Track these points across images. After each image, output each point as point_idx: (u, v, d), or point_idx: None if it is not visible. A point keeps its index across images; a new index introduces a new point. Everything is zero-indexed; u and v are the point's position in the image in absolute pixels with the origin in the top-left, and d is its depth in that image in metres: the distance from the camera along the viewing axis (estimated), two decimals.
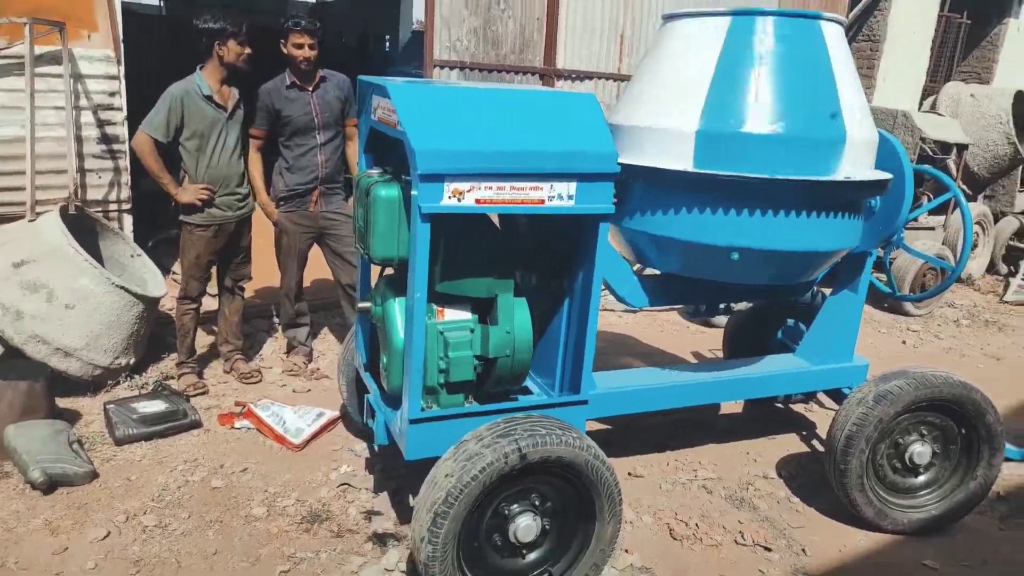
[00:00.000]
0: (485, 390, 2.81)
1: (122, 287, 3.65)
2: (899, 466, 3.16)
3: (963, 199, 3.52)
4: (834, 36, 2.83)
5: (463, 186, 2.32)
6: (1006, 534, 3.23)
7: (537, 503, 2.48)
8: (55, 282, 3.53)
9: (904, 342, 5.70)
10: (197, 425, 3.50)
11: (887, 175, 2.98)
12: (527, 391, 3.00)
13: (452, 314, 2.70)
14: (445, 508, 2.25)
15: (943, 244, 6.78)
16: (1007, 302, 6.91)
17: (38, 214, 3.91)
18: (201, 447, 3.38)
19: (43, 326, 3.49)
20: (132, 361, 3.87)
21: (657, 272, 3.26)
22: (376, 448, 3.46)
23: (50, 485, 2.92)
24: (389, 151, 2.80)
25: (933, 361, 5.25)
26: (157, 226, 5.55)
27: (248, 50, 3.65)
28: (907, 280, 6.13)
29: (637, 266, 3.30)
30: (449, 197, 2.31)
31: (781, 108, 2.68)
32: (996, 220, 7.91)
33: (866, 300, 6.28)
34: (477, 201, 2.35)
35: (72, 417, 3.48)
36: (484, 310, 2.75)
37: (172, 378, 3.97)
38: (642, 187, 2.87)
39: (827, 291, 3.58)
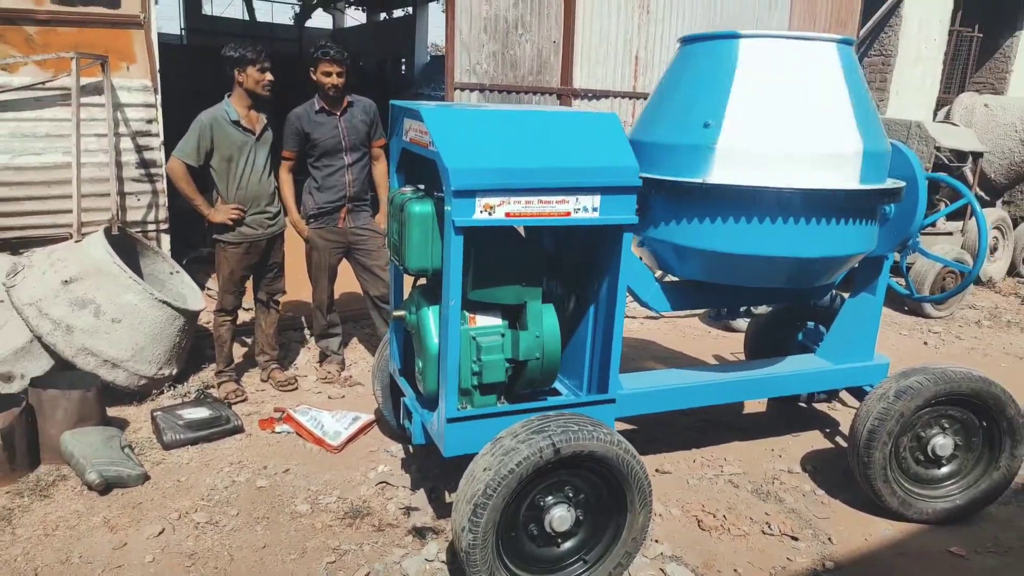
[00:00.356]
0: (516, 391, 2.95)
1: (164, 301, 3.84)
2: (922, 458, 3.24)
3: (977, 205, 3.62)
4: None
5: (494, 201, 2.46)
6: None
7: (571, 495, 2.59)
8: (102, 298, 3.72)
9: (926, 343, 5.76)
10: (240, 430, 3.66)
11: (900, 183, 3.09)
12: (556, 392, 3.13)
13: (484, 320, 2.84)
14: (484, 499, 2.38)
15: (962, 248, 6.84)
16: None
17: (84, 235, 4.11)
18: (244, 450, 3.54)
19: (91, 339, 3.68)
20: (175, 372, 4.05)
21: (677, 279, 3.38)
22: (411, 449, 3.61)
23: (106, 487, 3.09)
24: (420, 170, 2.96)
25: (955, 360, 5.29)
26: (190, 245, 5.76)
27: (268, 77, 3.79)
28: (927, 283, 6.20)
29: (659, 273, 3.43)
30: (480, 212, 2.45)
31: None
32: (1015, 224, 7.95)
33: (887, 304, 6.40)
34: (507, 215, 2.50)
35: (122, 424, 3.66)
36: (514, 316, 2.89)
37: (212, 387, 4.15)
38: (663, 199, 3.00)
39: (845, 294, 3.68)
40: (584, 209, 2.59)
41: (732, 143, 2.78)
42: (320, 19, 26.69)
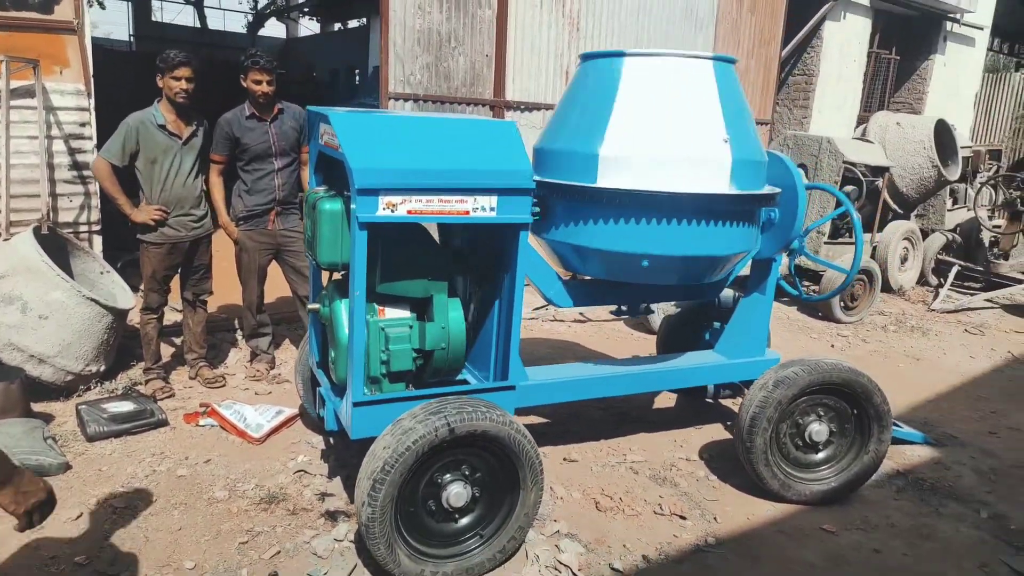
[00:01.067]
0: (425, 380, 3.15)
1: (92, 299, 3.95)
2: (800, 444, 3.54)
3: (855, 214, 3.95)
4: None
5: (396, 199, 2.67)
6: (898, 503, 3.61)
7: (467, 473, 2.80)
8: (29, 295, 3.81)
9: (832, 345, 6.13)
10: (164, 423, 3.78)
11: (775, 190, 3.39)
12: (465, 382, 3.34)
13: (392, 312, 3.04)
14: (382, 475, 2.57)
15: (871, 259, 7.26)
16: (934, 310, 7.40)
17: (12, 234, 4.20)
18: (168, 443, 3.66)
19: (18, 335, 3.77)
20: (102, 368, 4.15)
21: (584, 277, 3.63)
22: (331, 441, 3.77)
23: None
24: (335, 172, 3.16)
25: (857, 361, 5.67)
26: (126, 248, 5.82)
27: (182, 85, 3.89)
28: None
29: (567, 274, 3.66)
30: (384, 209, 2.66)
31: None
32: (924, 236, 8.45)
33: (801, 309, 6.78)
34: (409, 212, 2.71)
35: (46, 418, 3.75)
36: (422, 309, 3.09)
37: (140, 384, 4.25)
38: (561, 202, 3.25)
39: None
40: (482, 208, 2.81)
41: (613, 151, 3.05)
42: (273, 28, 26.69)
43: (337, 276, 3.19)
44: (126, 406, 3.76)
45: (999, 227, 8.20)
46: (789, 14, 8.54)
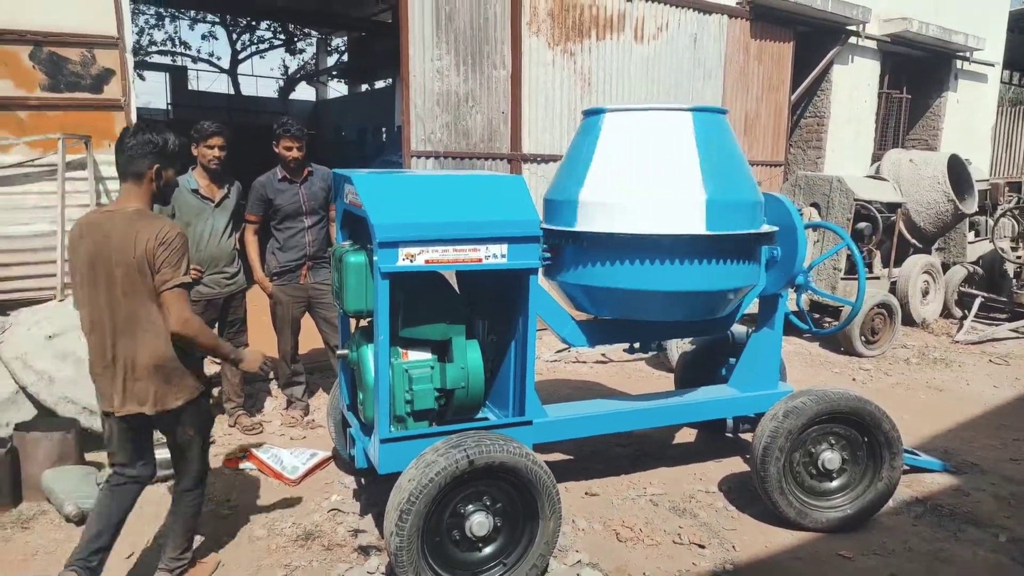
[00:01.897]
0: (447, 418, 3.35)
1: None
2: (814, 472, 3.64)
3: (855, 248, 4.11)
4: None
5: (414, 250, 2.93)
6: (916, 529, 3.68)
7: (488, 503, 2.98)
8: (82, 351, 4.10)
9: (854, 379, 6.20)
10: None
11: (756, 229, 3.56)
12: (486, 420, 3.53)
13: (415, 355, 3.26)
14: (408, 506, 2.76)
15: (891, 293, 7.34)
16: (958, 342, 7.42)
17: (66, 295, 4.53)
18: (211, 485, 3.83)
19: (71, 389, 4.05)
20: None
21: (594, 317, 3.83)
22: (363, 481, 3.96)
23: (82, 518, 3.42)
24: (359, 227, 3.43)
25: (879, 394, 5.73)
26: None
27: (214, 153, 4.23)
28: (857, 323, 6.68)
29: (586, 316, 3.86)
30: (403, 260, 2.91)
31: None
32: (945, 270, 8.51)
33: (823, 344, 6.86)
34: (427, 261, 2.96)
35: (99, 466, 3.99)
36: (442, 351, 3.31)
37: None
38: (566, 247, 3.48)
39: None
40: (494, 256, 3.05)
41: (589, 197, 3.31)
42: (303, 91, 27.82)
43: (364, 323, 3.43)
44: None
45: (1021, 257, 8.22)
46: (797, 59, 8.81)
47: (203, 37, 35.07)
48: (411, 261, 2.92)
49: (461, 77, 6.34)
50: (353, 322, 3.59)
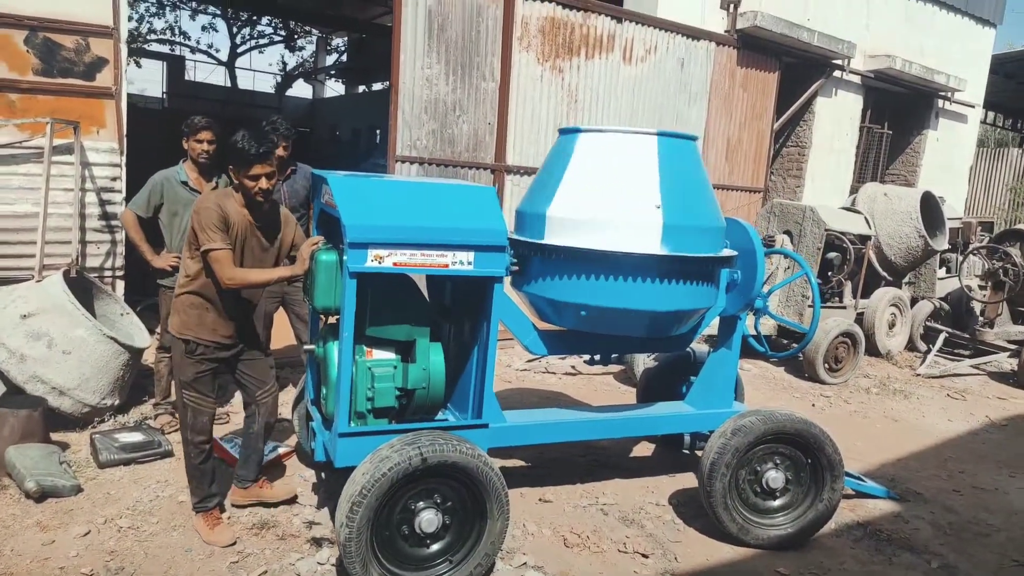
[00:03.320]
0: (407, 417, 3.45)
1: (111, 337, 4.31)
2: (758, 490, 3.77)
3: (813, 277, 4.27)
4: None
5: (383, 252, 3.04)
6: (854, 552, 3.81)
7: (439, 501, 3.08)
8: (55, 331, 4.18)
9: (813, 405, 6.35)
10: (169, 454, 4.09)
11: (731, 252, 3.72)
12: (445, 421, 3.63)
13: (379, 354, 3.37)
14: (360, 499, 2.86)
15: (857, 323, 7.51)
16: (919, 375, 7.60)
17: (44, 276, 4.60)
18: (172, 472, 3.96)
19: (43, 368, 4.12)
20: (117, 402, 4.48)
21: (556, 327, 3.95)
22: (323, 476, 4.05)
23: (42, 495, 3.50)
24: (334, 227, 3.54)
25: (837, 421, 5.89)
26: (147, 293, 6.23)
27: (203, 147, 4.33)
28: (820, 351, 6.84)
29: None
30: (372, 260, 3.02)
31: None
32: (913, 303, 8.71)
33: (788, 370, 7.01)
34: (395, 264, 3.07)
35: (63, 446, 4.07)
36: (406, 352, 3.42)
37: (150, 418, 4.58)
38: (534, 258, 3.60)
39: None
40: (460, 263, 3.17)
41: (557, 212, 3.44)
42: (300, 89, 27.87)
43: (331, 320, 3.54)
44: (136, 437, 4.08)
45: (987, 296, 8.43)
46: (781, 89, 9.01)
47: (203, 28, 35.03)
48: (379, 262, 3.03)
49: (450, 86, 6.47)
50: (323, 318, 3.69)
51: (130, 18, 21.81)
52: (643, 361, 5.88)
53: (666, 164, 3.46)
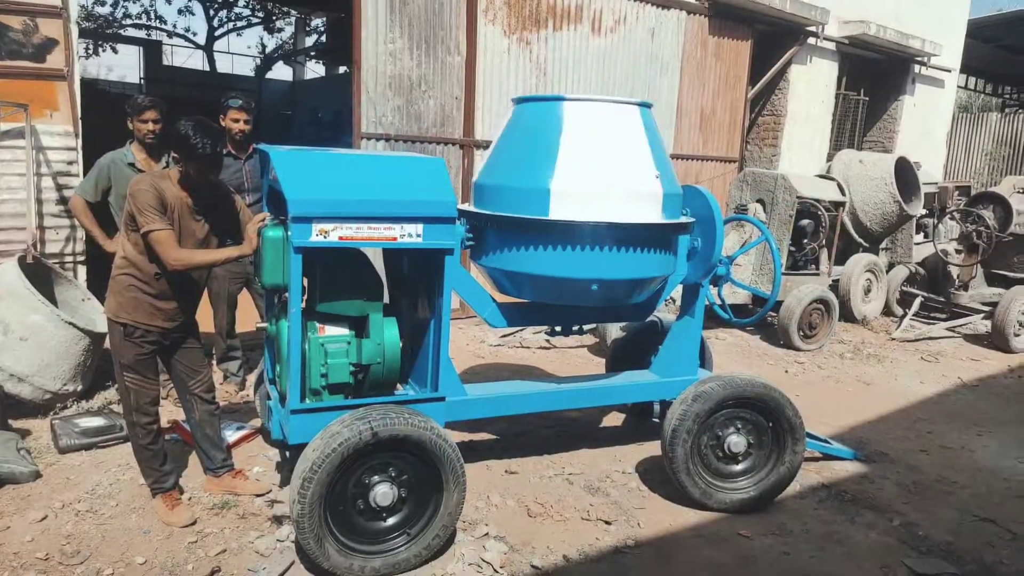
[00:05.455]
0: (364, 393, 3.43)
1: (70, 323, 4.26)
2: (721, 455, 3.78)
3: (774, 242, 4.24)
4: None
5: (328, 226, 2.99)
6: (817, 513, 3.83)
7: (394, 475, 3.07)
8: (11, 318, 4.13)
9: (786, 371, 6.38)
10: None
11: (689, 219, 3.70)
12: (404, 395, 3.62)
13: (331, 330, 3.34)
14: (311, 475, 2.84)
15: (831, 290, 7.51)
16: (895, 339, 7.64)
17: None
18: (133, 455, 3.92)
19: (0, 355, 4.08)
20: (79, 388, 4.44)
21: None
22: (287, 455, 4.03)
23: None
24: (282, 203, 3.49)
25: (809, 387, 5.92)
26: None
27: (148, 127, 4.26)
28: (794, 318, 6.86)
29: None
30: (316, 235, 2.98)
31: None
32: (889, 269, 8.73)
33: (764, 338, 7.02)
34: (340, 238, 3.02)
35: (23, 433, 4.03)
36: (360, 327, 3.39)
37: (115, 403, 4.54)
38: (496, 232, 3.55)
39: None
40: (409, 235, 3.13)
41: (563, 186, 3.36)
42: (280, 71, 27.51)
43: (285, 297, 3.50)
44: (97, 421, 4.05)
45: (962, 259, 8.46)
46: (755, 57, 8.94)
47: (179, 12, 34.51)
48: (324, 237, 2.99)
49: (414, 61, 6.39)
50: (276, 296, 3.66)
51: (103, 2, 21.51)
52: (614, 332, 5.87)
53: (649, 133, 3.45)
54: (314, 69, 26.76)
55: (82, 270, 5.25)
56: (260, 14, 24.94)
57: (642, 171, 3.48)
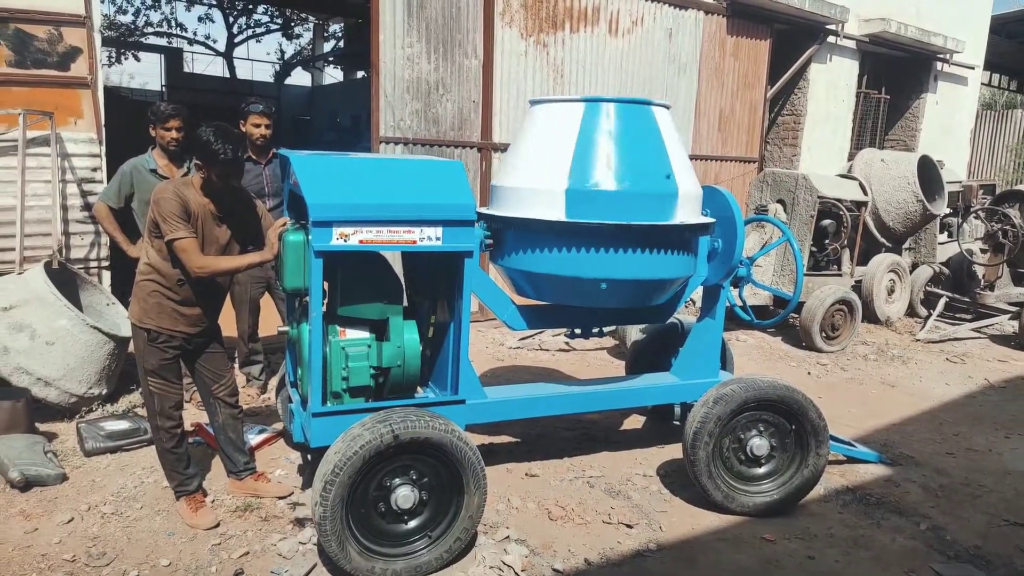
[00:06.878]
0: (385, 396, 3.44)
1: (95, 327, 4.31)
2: (743, 458, 3.74)
3: (795, 242, 4.21)
4: (664, 116, 3.58)
5: (348, 230, 3.01)
6: (842, 516, 3.78)
7: (415, 478, 3.07)
8: (37, 323, 4.19)
9: (809, 373, 6.31)
10: None
11: (709, 219, 3.68)
12: (425, 398, 3.62)
13: (352, 333, 3.35)
14: (332, 477, 2.85)
15: (851, 290, 7.43)
16: (919, 340, 7.54)
17: (25, 269, 4.60)
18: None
19: (26, 360, 4.14)
20: (104, 392, 4.49)
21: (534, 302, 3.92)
22: (309, 458, 4.05)
23: (26, 484, 3.52)
24: (302, 208, 3.51)
25: (832, 389, 5.86)
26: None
27: (171, 135, 4.30)
28: (816, 319, 6.79)
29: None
30: (337, 239, 2.99)
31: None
32: (913, 269, 8.62)
33: (785, 340, 6.96)
34: (360, 241, 3.04)
35: (50, 437, 4.08)
36: (380, 330, 3.40)
37: (139, 407, 4.59)
38: (514, 234, 3.55)
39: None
40: (428, 238, 3.14)
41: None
42: (299, 77, 27.74)
43: (306, 301, 3.52)
44: (122, 425, 4.09)
45: (988, 259, 8.33)
46: (774, 57, 8.88)
47: (199, 20, 34.91)
48: (345, 241, 3.00)
49: (432, 65, 6.41)
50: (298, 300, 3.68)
51: (124, 11, 21.81)
52: (634, 334, 5.85)
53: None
54: (332, 74, 26.96)
55: (106, 275, 5.32)
56: (279, 21, 25.17)
57: (659, 172, 3.47)
